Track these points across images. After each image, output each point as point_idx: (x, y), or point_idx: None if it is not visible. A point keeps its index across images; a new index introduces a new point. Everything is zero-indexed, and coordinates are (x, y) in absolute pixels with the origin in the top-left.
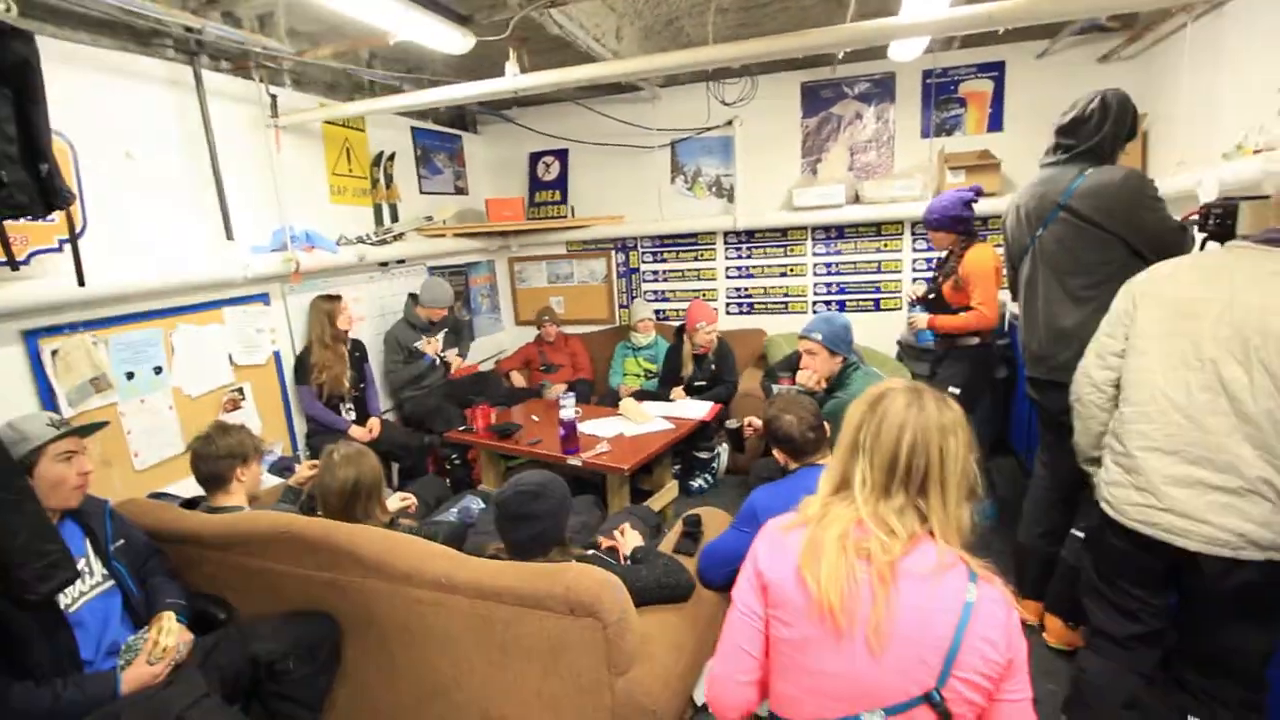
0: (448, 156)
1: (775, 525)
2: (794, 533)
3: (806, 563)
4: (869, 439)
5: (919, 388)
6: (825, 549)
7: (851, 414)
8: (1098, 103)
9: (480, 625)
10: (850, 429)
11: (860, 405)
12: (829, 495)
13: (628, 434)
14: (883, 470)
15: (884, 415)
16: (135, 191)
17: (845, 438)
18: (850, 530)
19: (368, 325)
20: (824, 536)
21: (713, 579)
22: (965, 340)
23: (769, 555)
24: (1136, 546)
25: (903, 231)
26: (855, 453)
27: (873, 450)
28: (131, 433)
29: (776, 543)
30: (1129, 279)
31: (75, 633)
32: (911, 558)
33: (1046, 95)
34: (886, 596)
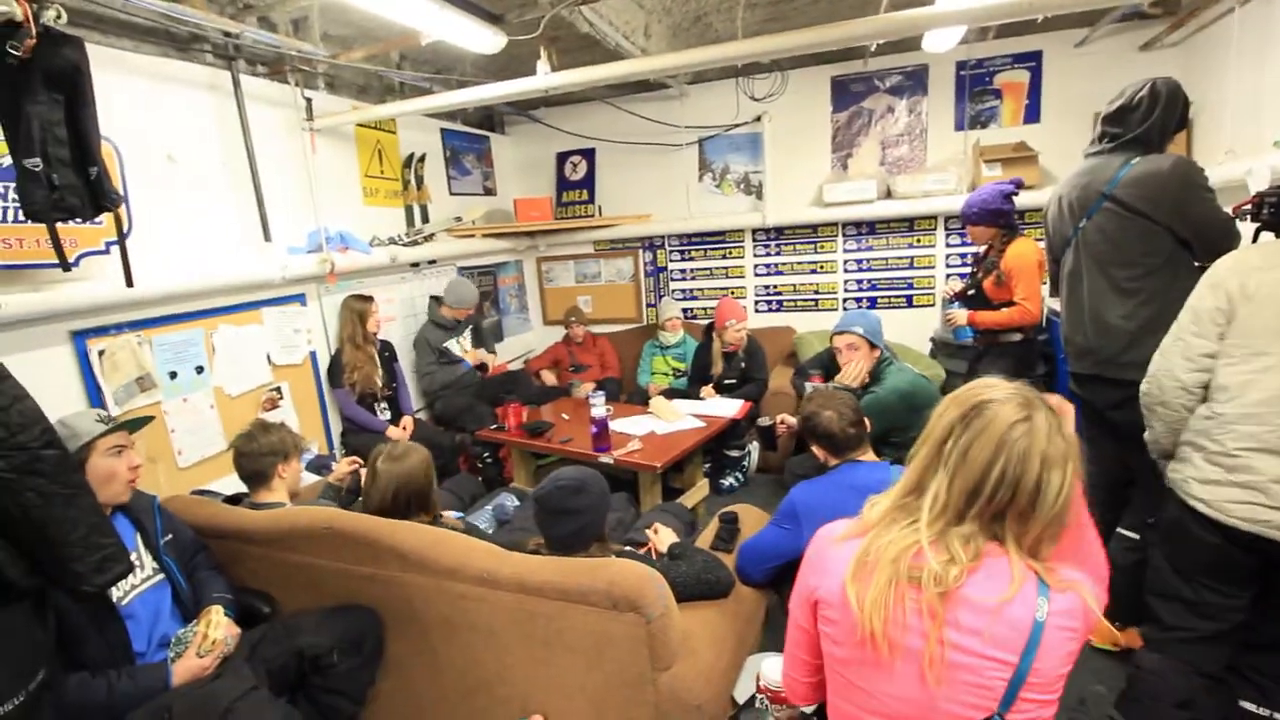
0: (476, 157)
1: (829, 534)
2: (848, 544)
3: (854, 580)
4: (955, 454)
5: (1032, 399)
6: (877, 572)
7: (942, 415)
8: (1147, 90)
9: (523, 620)
10: (937, 432)
11: (954, 408)
12: (900, 498)
13: (659, 432)
14: (962, 495)
15: (981, 430)
16: (177, 194)
17: (931, 440)
18: (906, 556)
19: (398, 326)
20: (879, 557)
21: (751, 575)
22: (1007, 336)
23: (819, 567)
24: (1230, 542)
25: (936, 226)
26: (936, 464)
27: (956, 469)
28: (175, 431)
29: (828, 554)
30: (1208, 273)
31: (127, 625)
32: (974, 579)
33: (1085, 86)
34: (940, 631)
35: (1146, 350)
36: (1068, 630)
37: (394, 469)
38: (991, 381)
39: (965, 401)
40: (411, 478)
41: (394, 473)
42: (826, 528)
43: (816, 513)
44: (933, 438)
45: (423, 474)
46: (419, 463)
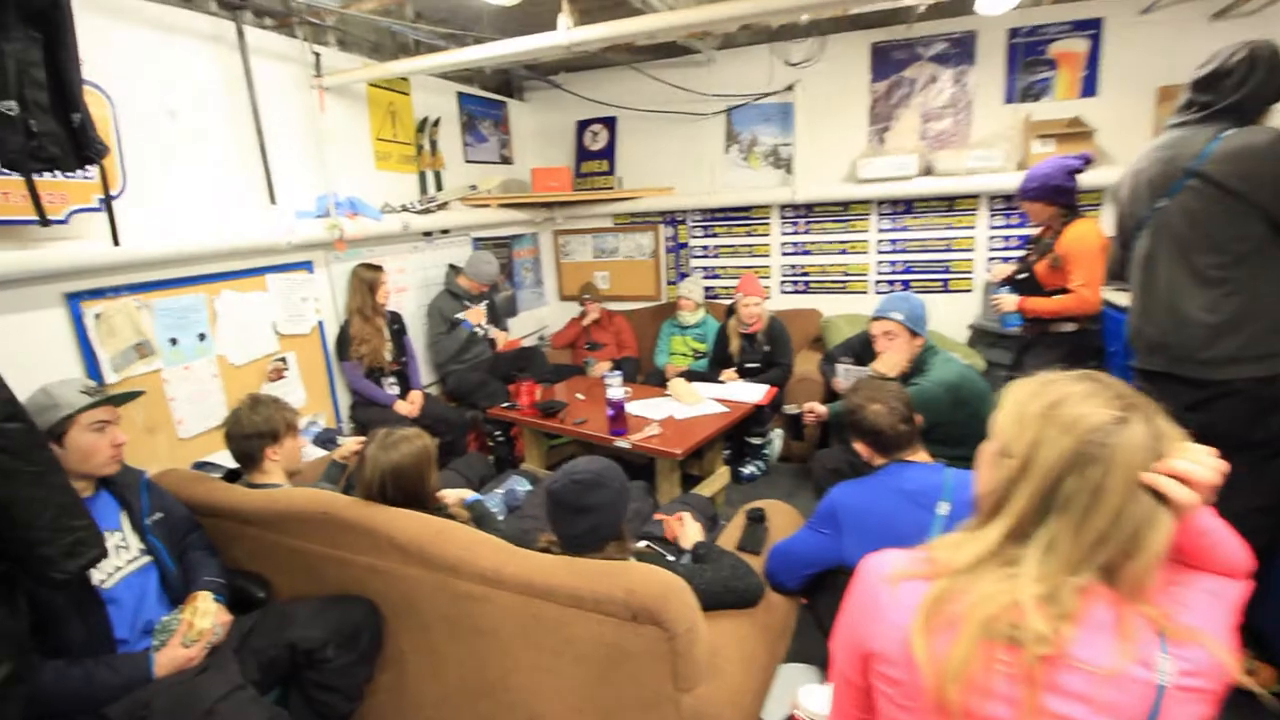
0: (493, 124)
1: (881, 572)
2: (909, 588)
3: (921, 635)
4: (1081, 496)
5: (1138, 404)
6: (961, 631)
7: (1043, 443)
8: (1244, 54)
9: (531, 624)
10: (1045, 468)
11: (1060, 434)
12: (994, 547)
13: (678, 416)
14: (1091, 544)
15: (1111, 463)
16: (177, 151)
17: (1036, 476)
18: (1005, 615)
19: (410, 296)
20: (963, 614)
21: (784, 582)
22: (1059, 326)
23: (872, 613)
24: None
25: (978, 206)
26: (1045, 506)
27: (1085, 514)
28: (175, 400)
29: (883, 598)
30: None
31: (109, 610)
32: (1080, 634)
33: (1149, 57)
34: (1037, 702)
35: (1229, 347)
36: (1195, 693)
37: (382, 458)
38: (1073, 387)
39: (1074, 426)
40: (400, 470)
41: (381, 462)
42: (876, 562)
43: (860, 518)
44: (1038, 474)
45: (414, 467)
46: (410, 454)
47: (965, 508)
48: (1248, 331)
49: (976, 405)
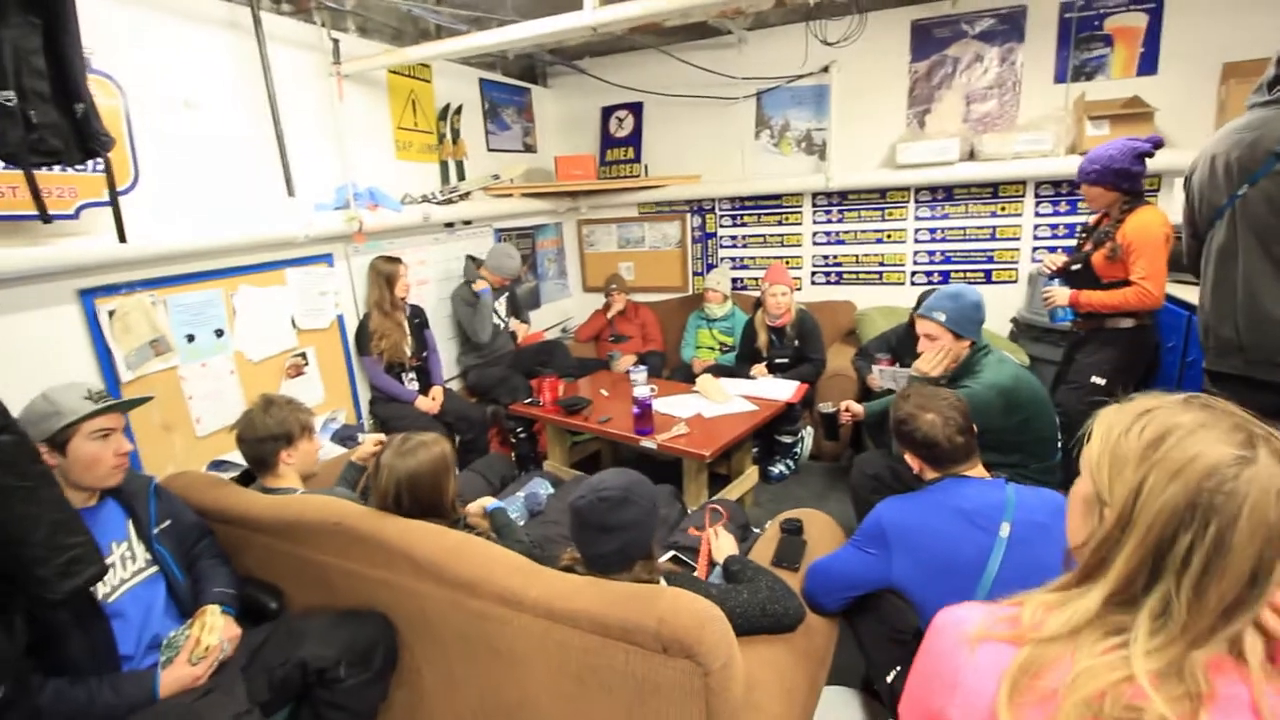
0: (516, 111)
1: (958, 629)
2: (991, 652)
3: (1007, 710)
4: (1202, 552)
5: (1266, 434)
6: (1060, 710)
7: (1152, 496)
8: None
9: (552, 650)
10: (1153, 520)
11: (1171, 483)
12: (1096, 612)
13: (706, 414)
14: (1217, 612)
15: (1236, 515)
16: (192, 142)
17: (1143, 529)
18: (1116, 693)
19: (431, 289)
20: (1064, 691)
21: (824, 605)
22: (1116, 322)
23: (948, 679)
24: None
25: (1025, 193)
26: (1158, 569)
27: (1206, 578)
28: (193, 398)
29: (960, 662)
30: None
31: (113, 625)
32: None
33: (1214, 32)
34: None
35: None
36: None
37: (398, 465)
38: (1179, 418)
39: (1184, 470)
40: (417, 478)
41: (398, 470)
42: (953, 619)
43: (912, 539)
44: (1142, 529)
45: (431, 475)
46: (428, 462)
47: (1029, 529)
48: None
49: (1031, 412)
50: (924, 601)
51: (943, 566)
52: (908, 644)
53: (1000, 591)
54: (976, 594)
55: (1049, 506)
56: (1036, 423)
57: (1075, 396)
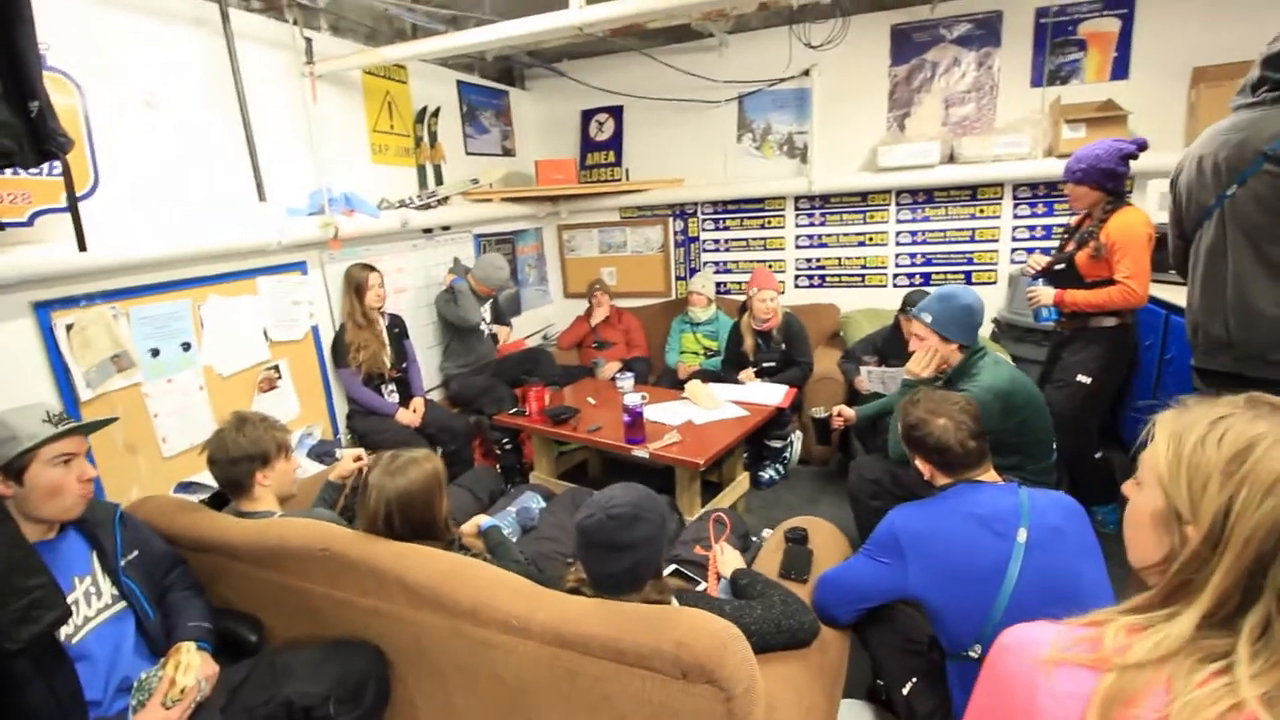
0: (494, 114)
1: (1031, 651)
2: (1071, 678)
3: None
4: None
5: None
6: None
7: (1247, 514)
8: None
9: (561, 678)
10: (1248, 544)
11: (1267, 499)
12: (1189, 636)
13: (697, 421)
14: None
15: None
16: (156, 144)
17: (1237, 546)
18: None
19: (409, 297)
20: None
21: (837, 617)
22: (1100, 320)
23: (1019, 701)
24: None
25: (1003, 195)
26: (1256, 587)
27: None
28: (158, 416)
29: (1040, 691)
30: None
31: (79, 668)
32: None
33: (1181, 37)
34: None
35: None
36: None
37: (388, 485)
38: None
39: (1276, 479)
40: (408, 498)
41: (387, 490)
42: (1023, 640)
43: (928, 547)
44: (1237, 548)
45: (423, 494)
46: (420, 480)
47: (1045, 534)
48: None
49: (1028, 413)
50: (941, 610)
51: (961, 574)
52: (923, 654)
53: (1021, 599)
54: (997, 602)
55: (1061, 510)
56: (1033, 424)
57: (1062, 396)
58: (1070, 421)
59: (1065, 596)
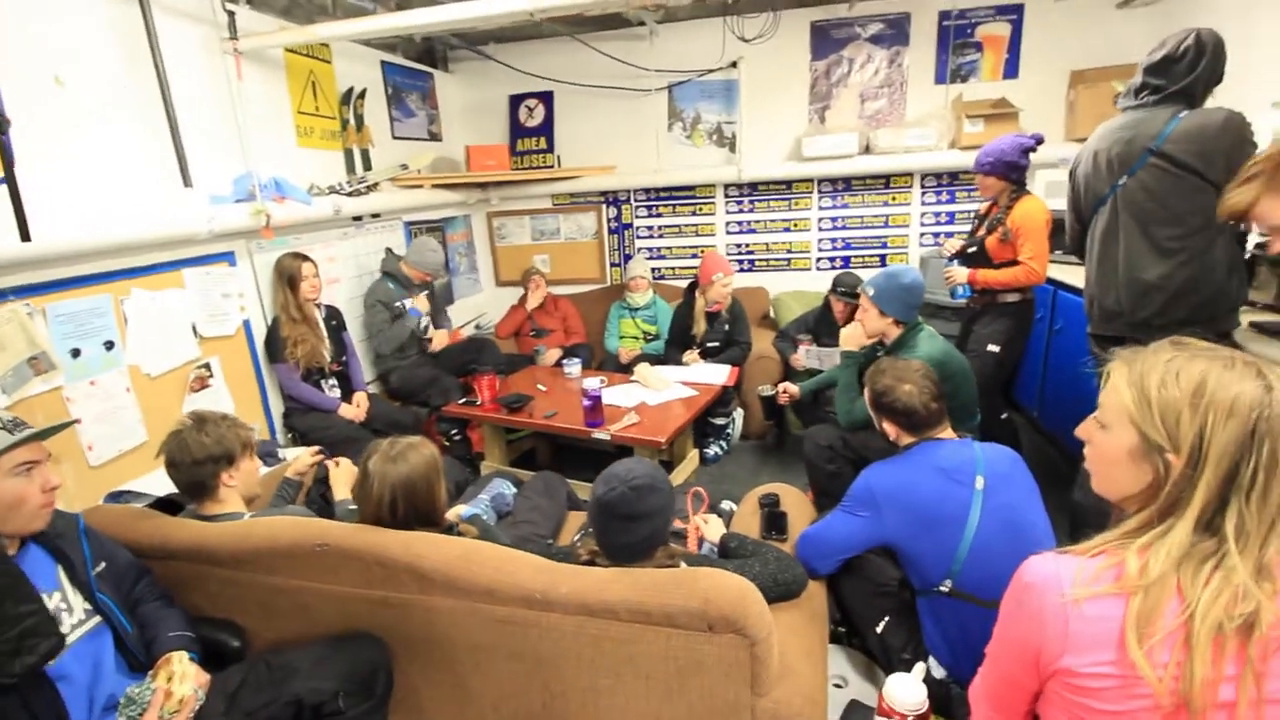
0: (420, 97)
1: (1058, 587)
2: (1102, 606)
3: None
4: (1262, 474)
5: (1253, 362)
6: (1194, 643)
7: (1217, 435)
8: (1192, 40)
9: (586, 645)
10: (1220, 456)
11: (1229, 421)
12: (1186, 544)
13: (650, 402)
14: (1277, 510)
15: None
16: (68, 126)
17: (1214, 465)
18: (1228, 608)
19: (343, 287)
20: (1186, 624)
21: (818, 569)
22: (1005, 297)
23: (1054, 631)
24: None
25: (912, 184)
26: (1227, 493)
27: (1266, 487)
28: (83, 422)
29: (1067, 616)
30: None
31: (59, 689)
32: None
33: (1061, 42)
34: (1266, 668)
35: (1181, 311)
36: None
37: (390, 471)
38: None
39: (1235, 408)
40: (412, 484)
41: (390, 476)
42: (1049, 574)
43: (901, 499)
44: (1213, 464)
45: (425, 479)
46: (421, 464)
47: (997, 480)
48: (1197, 297)
49: (959, 381)
50: (914, 554)
51: (931, 520)
52: (893, 594)
53: (982, 537)
54: (962, 541)
55: (1007, 459)
56: (963, 390)
57: (976, 365)
58: (981, 386)
59: (1018, 531)
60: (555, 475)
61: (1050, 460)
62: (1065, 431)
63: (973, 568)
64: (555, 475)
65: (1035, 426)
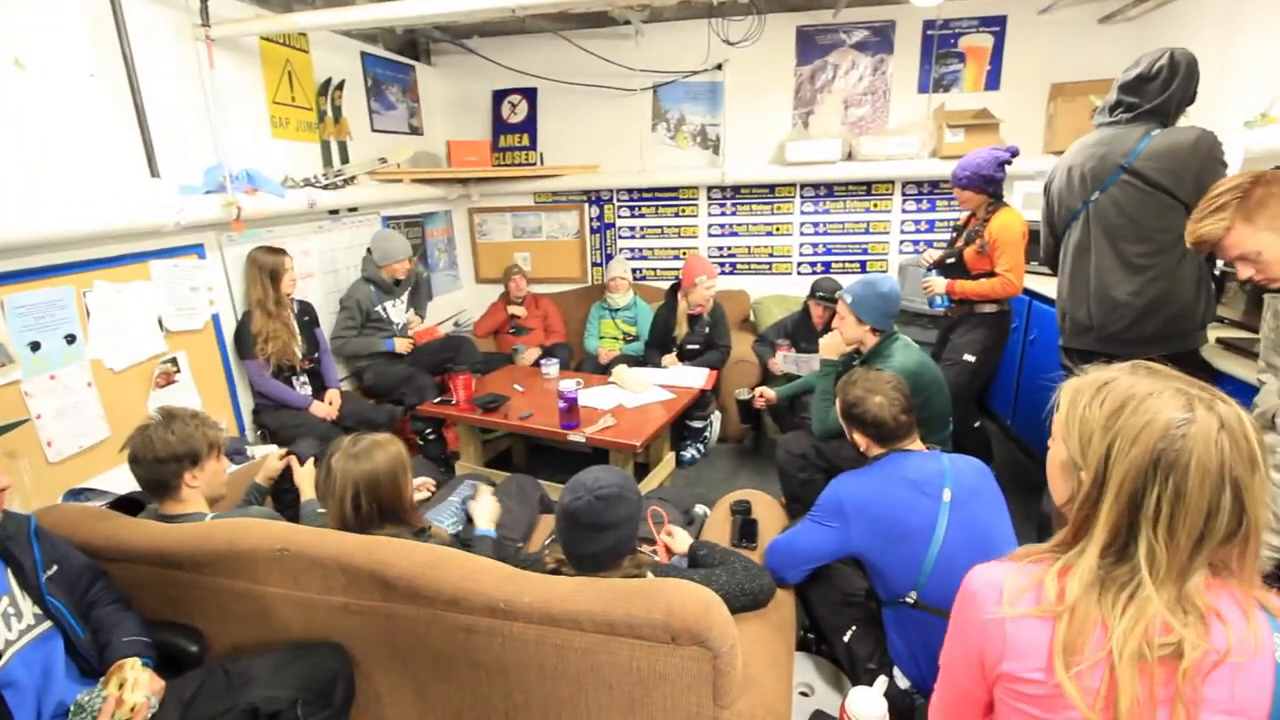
0: (401, 90)
1: (995, 597)
2: (1035, 626)
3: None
4: (1165, 503)
5: (1200, 394)
6: (1118, 671)
7: (1119, 460)
8: (1166, 59)
9: (549, 655)
10: (1121, 480)
11: (1133, 447)
12: (1096, 567)
13: (628, 405)
14: (1190, 546)
15: (1189, 464)
16: (29, 112)
17: (1116, 489)
18: (1148, 636)
19: (317, 283)
20: (1107, 653)
21: (787, 578)
22: (982, 307)
23: (994, 639)
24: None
25: (893, 191)
26: (1134, 518)
27: (1173, 519)
28: (41, 417)
29: (1006, 627)
30: None
31: (5, 695)
32: (1217, 627)
33: (1042, 55)
34: (1196, 695)
35: (1150, 327)
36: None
37: (352, 469)
38: (1135, 388)
39: (1142, 434)
40: (375, 481)
41: (352, 474)
42: (987, 585)
43: (870, 510)
44: (1114, 488)
45: (389, 477)
46: (386, 463)
47: (965, 492)
48: (1166, 313)
49: (932, 391)
50: (881, 565)
51: (898, 532)
52: (860, 604)
53: (948, 550)
54: (928, 553)
55: (975, 471)
56: (936, 401)
57: (951, 373)
58: (955, 394)
59: (983, 545)
60: (529, 478)
61: (1022, 468)
62: (1038, 440)
63: (938, 580)
64: (529, 478)
65: (1008, 434)
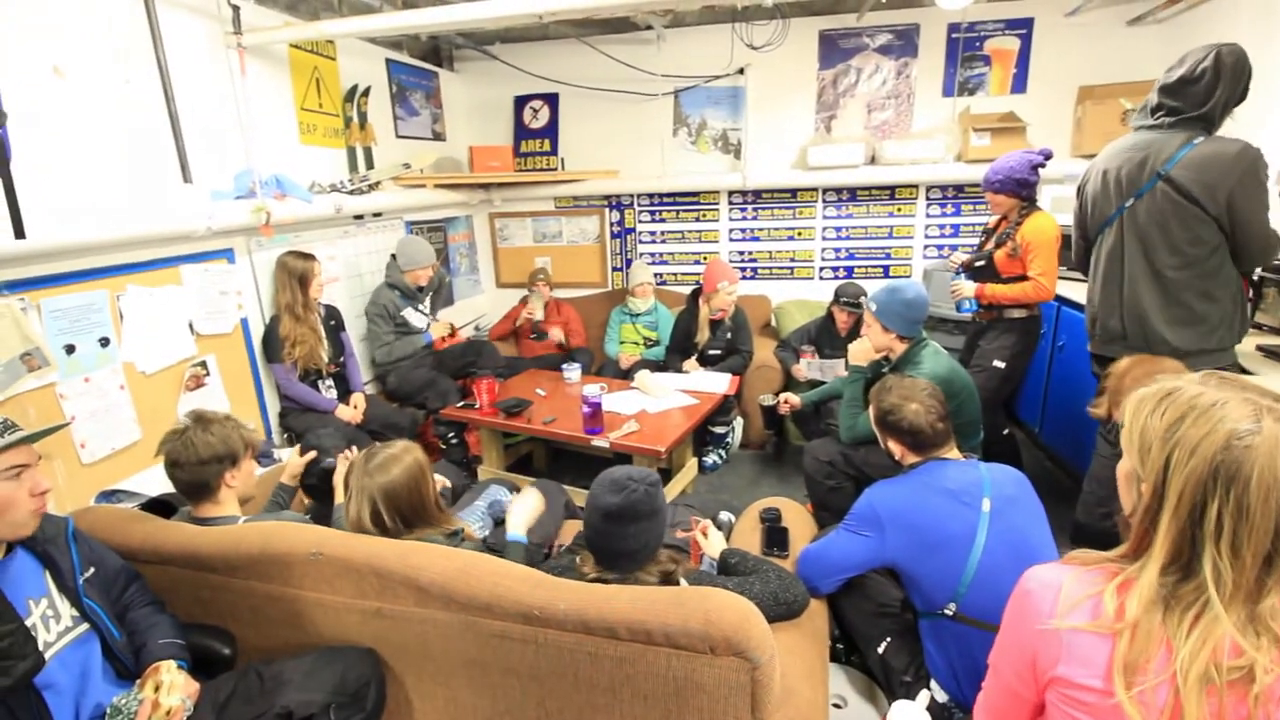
0: (424, 96)
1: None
2: (1093, 641)
3: (1130, 701)
4: (1228, 520)
5: (1272, 405)
6: (1186, 694)
7: (1177, 471)
8: (1210, 61)
9: (583, 663)
10: (1180, 493)
11: (1191, 458)
12: (1156, 584)
13: (650, 410)
14: (1257, 564)
15: (1251, 477)
16: (67, 118)
17: (1175, 503)
18: (1217, 658)
19: (342, 287)
20: (1172, 675)
21: (820, 588)
22: (1012, 312)
23: (1051, 645)
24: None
25: (917, 196)
26: (1197, 534)
27: (1235, 536)
28: (76, 419)
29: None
30: None
31: (45, 697)
32: None
33: (1070, 58)
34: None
35: (1182, 339)
36: None
37: (369, 485)
38: (1200, 398)
39: (1201, 445)
40: (393, 491)
41: (369, 489)
42: (1046, 591)
43: (906, 519)
44: (1173, 501)
45: (407, 487)
46: (403, 474)
47: (1004, 502)
48: (1195, 329)
49: (964, 398)
50: (918, 576)
51: (936, 542)
52: (895, 615)
53: (988, 560)
54: (968, 563)
55: (1013, 480)
56: (967, 408)
57: (979, 379)
58: (985, 401)
59: (1024, 555)
60: (554, 483)
61: (1051, 476)
62: (1066, 448)
63: (978, 592)
64: (554, 483)
65: (1036, 443)
